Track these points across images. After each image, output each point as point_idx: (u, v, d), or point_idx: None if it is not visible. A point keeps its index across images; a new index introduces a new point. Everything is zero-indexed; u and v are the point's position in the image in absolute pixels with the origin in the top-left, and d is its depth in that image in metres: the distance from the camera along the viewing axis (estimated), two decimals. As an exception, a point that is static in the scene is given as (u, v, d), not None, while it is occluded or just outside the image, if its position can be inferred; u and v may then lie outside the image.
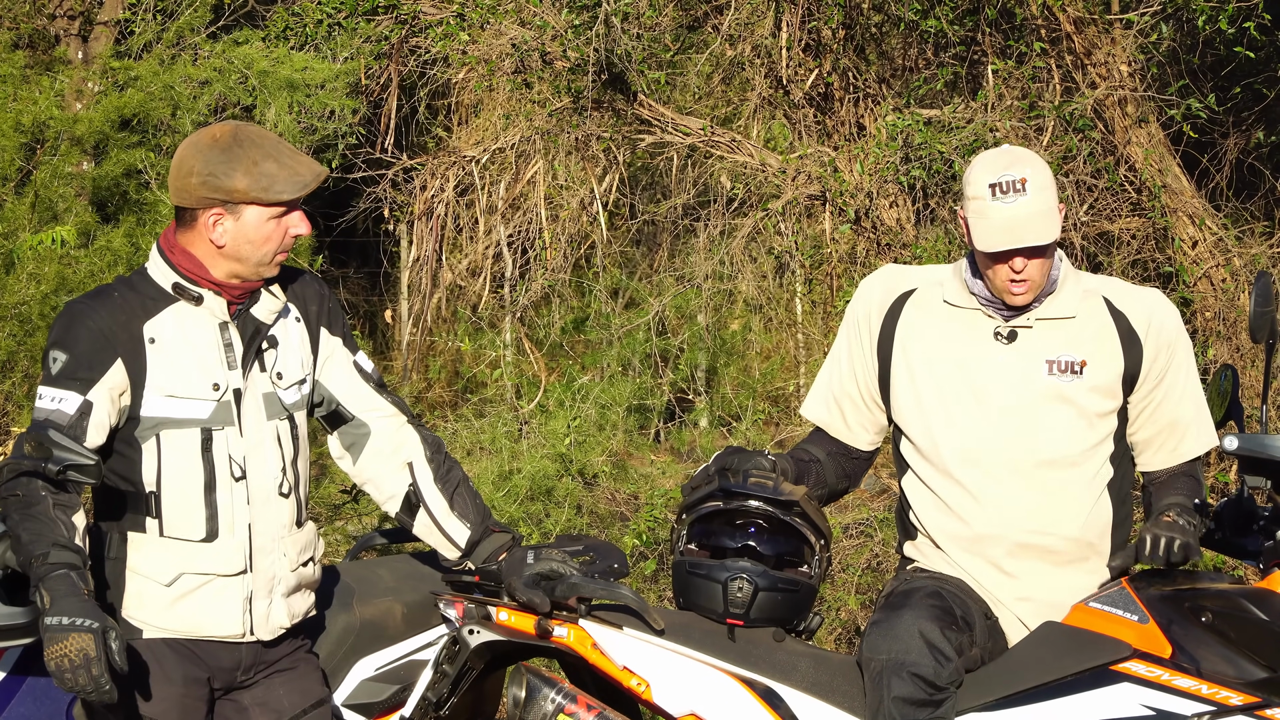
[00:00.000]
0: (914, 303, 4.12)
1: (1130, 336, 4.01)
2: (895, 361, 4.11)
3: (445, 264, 8.76)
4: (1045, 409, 3.98)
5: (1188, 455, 4.07)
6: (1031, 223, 3.90)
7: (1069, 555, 3.98)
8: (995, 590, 4.00)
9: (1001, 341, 4.02)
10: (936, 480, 4.05)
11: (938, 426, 4.04)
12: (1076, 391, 3.98)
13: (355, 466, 4.02)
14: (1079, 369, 3.99)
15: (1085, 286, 4.07)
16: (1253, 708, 3.67)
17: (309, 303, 3.92)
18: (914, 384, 4.08)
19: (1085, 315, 4.02)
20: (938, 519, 4.05)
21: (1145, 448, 4.08)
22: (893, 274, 4.22)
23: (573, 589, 3.93)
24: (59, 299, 7.25)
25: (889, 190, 7.89)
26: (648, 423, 9.24)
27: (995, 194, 3.91)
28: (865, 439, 4.26)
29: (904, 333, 4.11)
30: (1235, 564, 6.21)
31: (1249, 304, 4.24)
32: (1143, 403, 4.04)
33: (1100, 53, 7.92)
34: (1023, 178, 3.90)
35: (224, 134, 3.72)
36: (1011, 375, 4.00)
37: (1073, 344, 4.00)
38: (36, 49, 8.68)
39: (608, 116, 8.28)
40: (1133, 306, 4.04)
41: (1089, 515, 3.99)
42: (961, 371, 4.03)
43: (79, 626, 3.37)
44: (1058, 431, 3.97)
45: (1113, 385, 4.00)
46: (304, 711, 3.90)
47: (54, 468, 3.49)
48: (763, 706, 3.91)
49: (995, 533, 3.98)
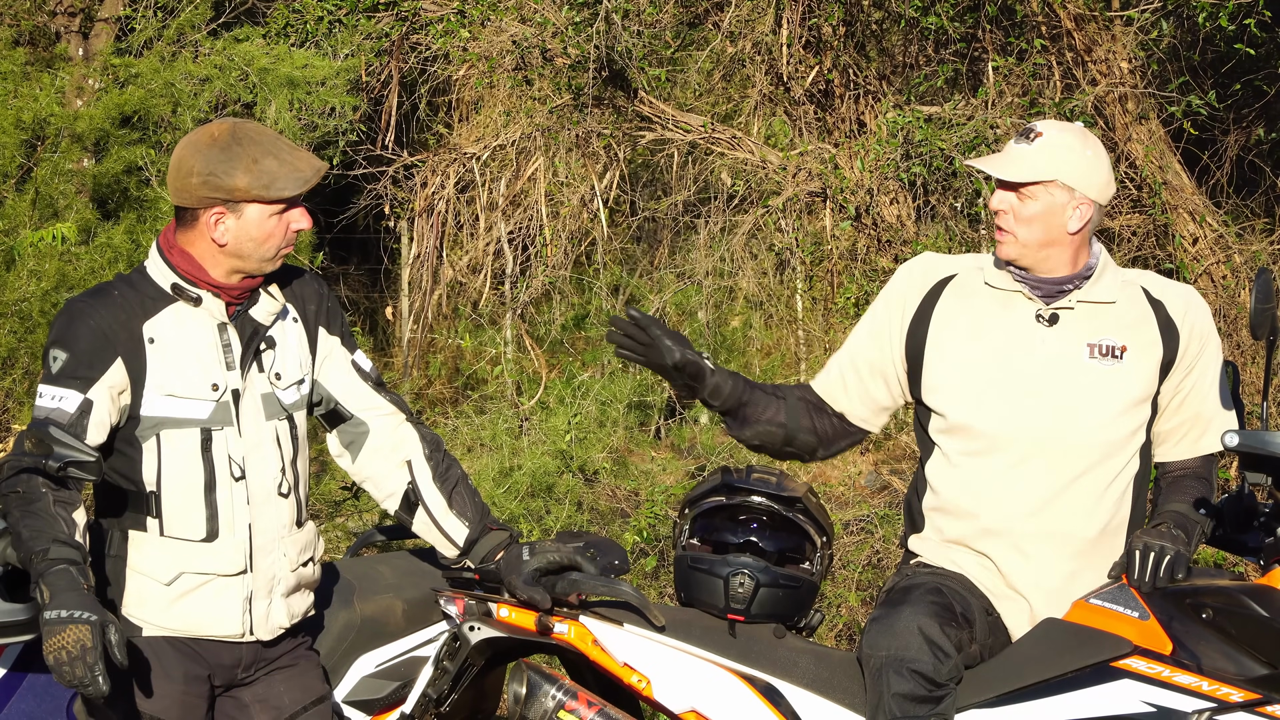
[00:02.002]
0: (954, 287, 4.12)
1: (1168, 325, 4.02)
2: (930, 343, 4.09)
3: (446, 261, 8.76)
4: (1085, 392, 3.97)
5: (1206, 450, 4.06)
6: (1011, 159, 3.99)
7: (1087, 544, 3.97)
8: (1011, 575, 3.98)
9: (1043, 324, 4.02)
10: (964, 460, 4.02)
11: (972, 406, 4.02)
12: (1116, 377, 3.98)
13: (354, 465, 4.02)
14: (1119, 354, 3.99)
15: (1124, 277, 4.09)
16: (1253, 704, 3.67)
17: (307, 302, 3.92)
18: (949, 364, 4.06)
19: (1125, 302, 4.03)
20: (962, 501, 4.03)
21: (1166, 439, 4.07)
22: (934, 260, 4.22)
23: (573, 585, 3.93)
24: (59, 296, 7.25)
25: (889, 187, 7.89)
26: (648, 419, 9.24)
27: (1017, 137, 4.04)
28: (855, 410, 4.21)
29: (941, 316, 4.10)
30: (1236, 560, 6.22)
31: (1249, 301, 4.23)
32: (1171, 393, 4.02)
33: (1101, 49, 7.92)
34: (1041, 132, 4.00)
35: (222, 132, 3.71)
36: (1052, 358, 3.99)
37: (1113, 329, 4.00)
38: (37, 46, 8.68)
39: (608, 113, 8.28)
40: (1170, 296, 4.06)
41: (1113, 506, 3.97)
42: (1001, 352, 4.02)
43: (77, 619, 3.37)
44: (1095, 416, 3.96)
45: (1151, 373, 3.99)
46: (305, 708, 3.90)
47: (54, 464, 3.49)
48: (764, 703, 3.91)
49: (1019, 514, 3.96)
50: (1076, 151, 3.99)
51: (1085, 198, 3.98)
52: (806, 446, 4.24)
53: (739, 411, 4.19)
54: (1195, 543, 3.95)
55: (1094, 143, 4.04)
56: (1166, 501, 4.03)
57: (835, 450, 4.30)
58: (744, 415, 4.19)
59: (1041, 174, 3.96)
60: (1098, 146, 4.05)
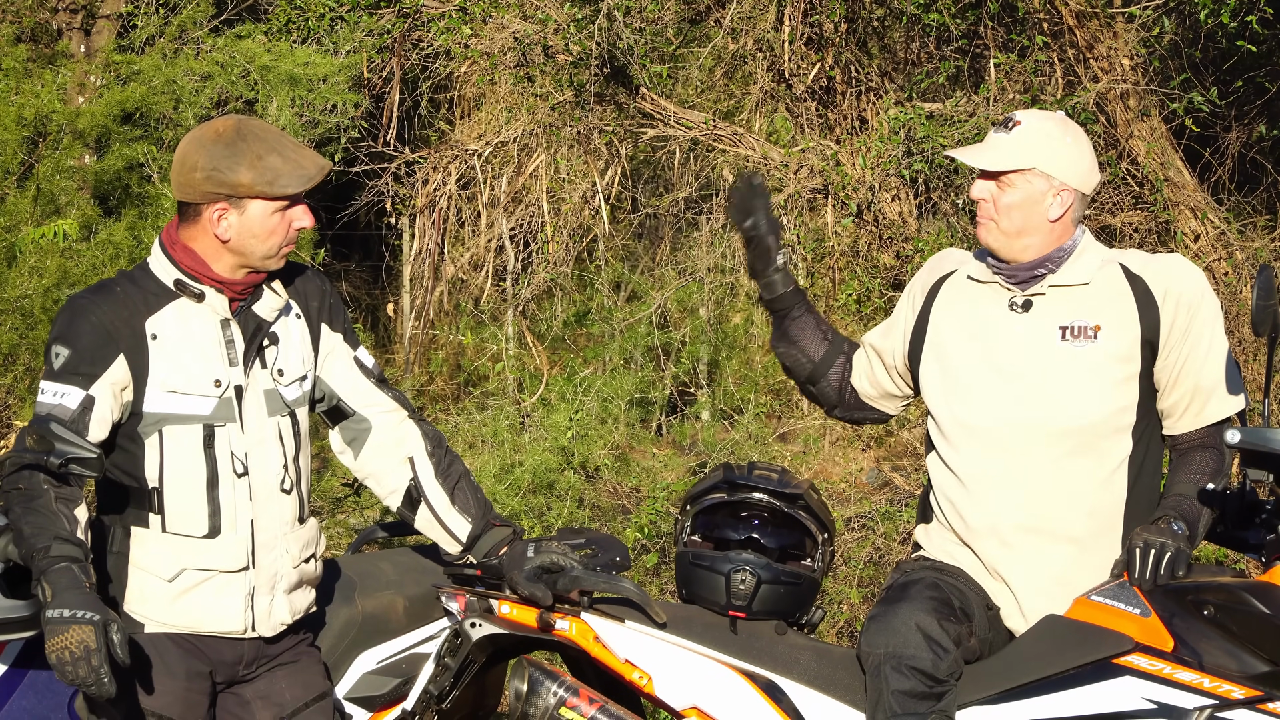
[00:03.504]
0: (949, 283, 4.16)
1: (1147, 299, 3.99)
2: (928, 341, 4.13)
3: (447, 257, 8.76)
4: (1059, 376, 3.96)
5: (1213, 418, 4.00)
6: (989, 148, 4.01)
7: (1080, 532, 3.96)
8: (1004, 570, 3.98)
9: (1017, 311, 4.03)
10: (953, 456, 4.04)
11: (957, 401, 4.04)
12: (1091, 357, 3.97)
13: (356, 462, 4.03)
14: (1093, 334, 3.98)
15: (1104, 257, 4.07)
16: (1255, 701, 3.67)
17: (310, 299, 3.92)
18: (939, 361, 4.09)
19: (1100, 281, 4.01)
20: (954, 495, 4.04)
21: (1171, 413, 4.04)
22: (944, 256, 4.26)
23: (575, 582, 3.93)
24: (61, 293, 7.25)
25: (891, 184, 7.89)
26: (650, 416, 9.24)
27: (996, 127, 4.06)
28: (865, 389, 4.29)
29: (937, 313, 4.13)
30: (1237, 557, 6.21)
31: (1251, 297, 4.23)
32: (1166, 367, 4.00)
33: (1102, 46, 7.92)
34: (1019, 121, 4.02)
35: (227, 128, 3.72)
36: (1025, 344, 4.00)
37: (1086, 309, 3.99)
38: (39, 43, 8.68)
39: (610, 110, 8.28)
40: (1151, 271, 4.02)
41: (1102, 490, 3.96)
42: (980, 344, 4.04)
43: (80, 619, 3.37)
44: (1073, 399, 3.95)
45: (1130, 350, 3.97)
46: (306, 705, 3.90)
47: (56, 461, 3.49)
48: (765, 700, 3.91)
49: (1006, 506, 3.96)
50: (1055, 139, 3.99)
51: (1065, 185, 3.98)
52: (827, 396, 4.34)
53: (783, 323, 4.30)
54: (1199, 534, 3.93)
55: (1074, 130, 4.04)
56: (1174, 483, 4.00)
57: (854, 417, 4.38)
58: (786, 329, 4.31)
59: (1019, 162, 3.97)
60: (1078, 134, 4.05)
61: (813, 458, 8.89)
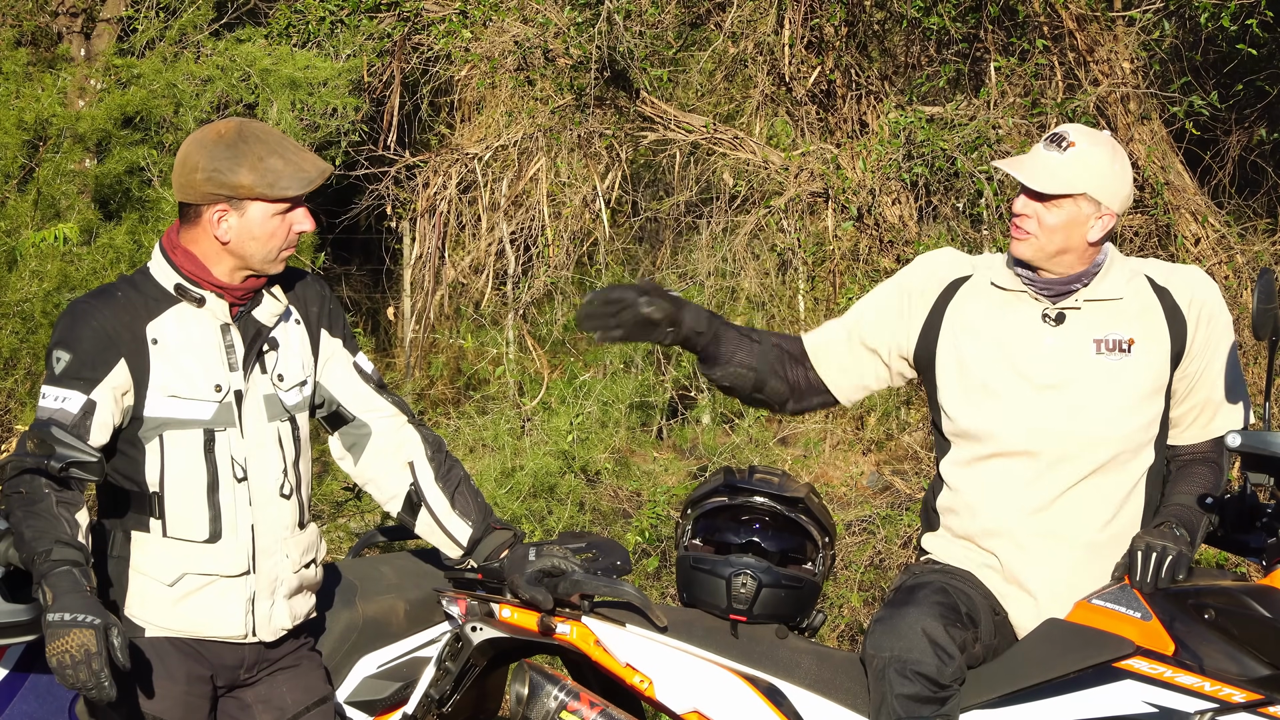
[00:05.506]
0: (967, 288, 4.12)
1: (1174, 312, 4.01)
2: (942, 342, 4.09)
3: (448, 261, 8.76)
4: (1094, 389, 3.96)
5: (1218, 432, 4.03)
6: (1042, 168, 3.95)
7: (1096, 540, 3.96)
8: (1017, 572, 3.98)
9: (1050, 324, 4.02)
10: (975, 460, 4.02)
11: (983, 408, 4.02)
12: (1125, 370, 3.97)
13: (356, 467, 4.03)
14: (1127, 347, 3.98)
15: (1130, 269, 4.07)
16: (1255, 705, 3.67)
17: (310, 304, 3.93)
18: (960, 365, 4.06)
19: (1131, 295, 4.02)
20: (972, 499, 4.03)
21: (1178, 423, 4.05)
22: (955, 257, 4.21)
23: (575, 586, 3.93)
24: (61, 297, 7.25)
25: (891, 187, 7.89)
26: (650, 420, 9.24)
27: (1047, 142, 3.99)
28: (834, 378, 4.19)
29: (954, 316, 4.09)
30: (1238, 561, 6.21)
31: (1251, 301, 4.22)
32: (1184, 378, 4.01)
33: (1103, 50, 7.92)
34: (1074, 141, 3.96)
35: (229, 130, 3.72)
36: (1059, 356, 3.99)
37: (1120, 323, 3.99)
38: (39, 46, 8.68)
39: (610, 114, 8.28)
40: (1175, 282, 4.04)
41: (1124, 502, 3.97)
42: (1008, 353, 4.02)
43: (81, 622, 3.37)
44: (1106, 412, 3.95)
45: (1161, 362, 3.99)
46: (307, 709, 3.90)
47: (57, 465, 3.49)
48: (766, 704, 3.91)
49: (1026, 512, 3.96)
50: (1106, 165, 3.97)
51: (1109, 210, 3.98)
52: (777, 396, 4.21)
53: (709, 349, 4.14)
54: (1199, 539, 3.94)
55: (1121, 155, 4.03)
56: (1173, 492, 4.02)
57: (806, 406, 4.25)
58: (715, 353, 4.15)
59: (1073, 187, 3.95)
60: (1124, 159, 4.03)
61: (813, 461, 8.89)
